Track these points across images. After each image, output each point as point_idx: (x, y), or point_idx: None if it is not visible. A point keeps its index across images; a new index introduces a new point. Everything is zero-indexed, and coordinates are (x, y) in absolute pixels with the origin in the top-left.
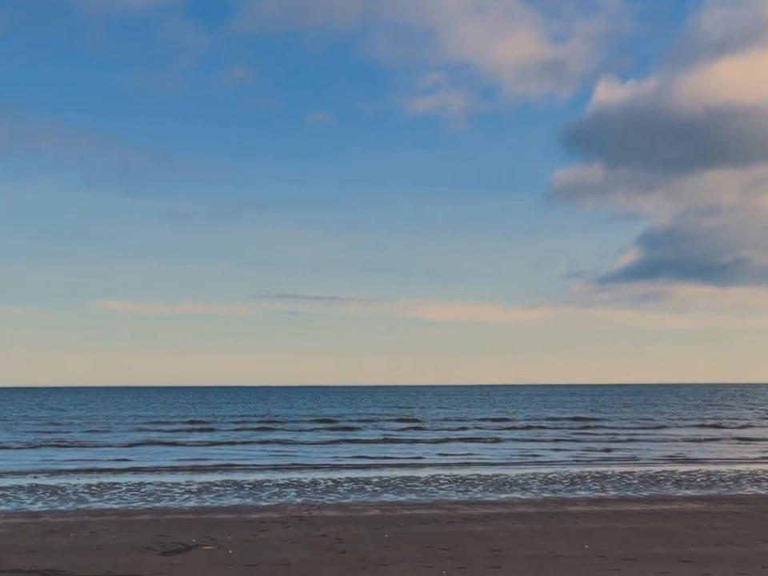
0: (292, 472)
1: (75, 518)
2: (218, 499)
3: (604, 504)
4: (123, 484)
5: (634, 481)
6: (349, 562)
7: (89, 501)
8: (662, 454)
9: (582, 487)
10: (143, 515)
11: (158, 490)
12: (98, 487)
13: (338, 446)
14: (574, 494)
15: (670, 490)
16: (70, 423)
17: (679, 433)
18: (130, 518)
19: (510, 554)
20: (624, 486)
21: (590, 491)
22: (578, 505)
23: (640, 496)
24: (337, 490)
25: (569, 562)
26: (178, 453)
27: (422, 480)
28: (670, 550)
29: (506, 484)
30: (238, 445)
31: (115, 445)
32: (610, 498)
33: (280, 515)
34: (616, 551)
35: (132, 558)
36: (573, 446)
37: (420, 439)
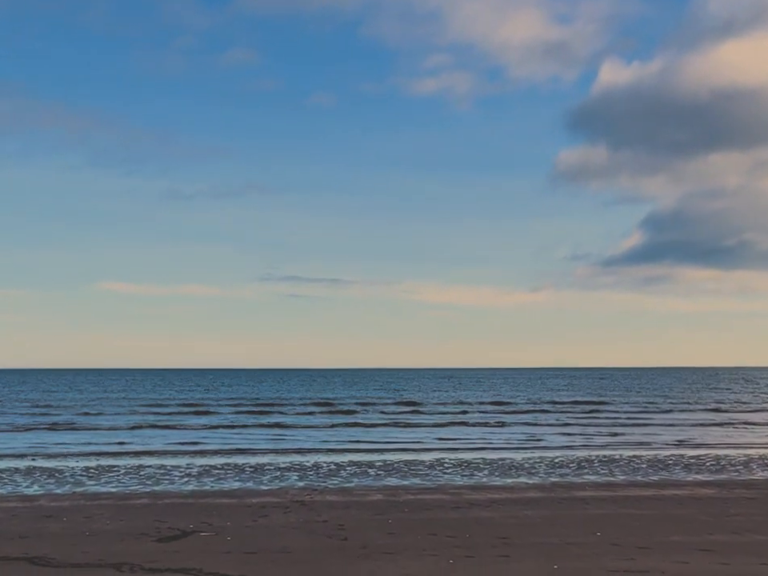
0: (294, 455)
1: (71, 502)
2: (218, 483)
3: (613, 489)
4: (122, 467)
5: (643, 465)
6: (351, 550)
7: (86, 484)
8: (668, 438)
9: (590, 471)
10: (141, 499)
11: (158, 473)
12: (96, 470)
13: (339, 429)
14: (582, 478)
15: (680, 475)
16: (70, 406)
17: (685, 417)
18: (126, 502)
19: (519, 542)
20: (632, 470)
21: (598, 475)
22: (586, 490)
23: (649, 481)
24: (339, 473)
25: (581, 550)
26: (177, 436)
27: (426, 464)
28: (685, 538)
29: (512, 468)
30: (239, 428)
31: (115, 428)
32: (619, 482)
33: (281, 500)
34: (629, 539)
35: (125, 545)
36: (578, 430)
37: (423, 423)
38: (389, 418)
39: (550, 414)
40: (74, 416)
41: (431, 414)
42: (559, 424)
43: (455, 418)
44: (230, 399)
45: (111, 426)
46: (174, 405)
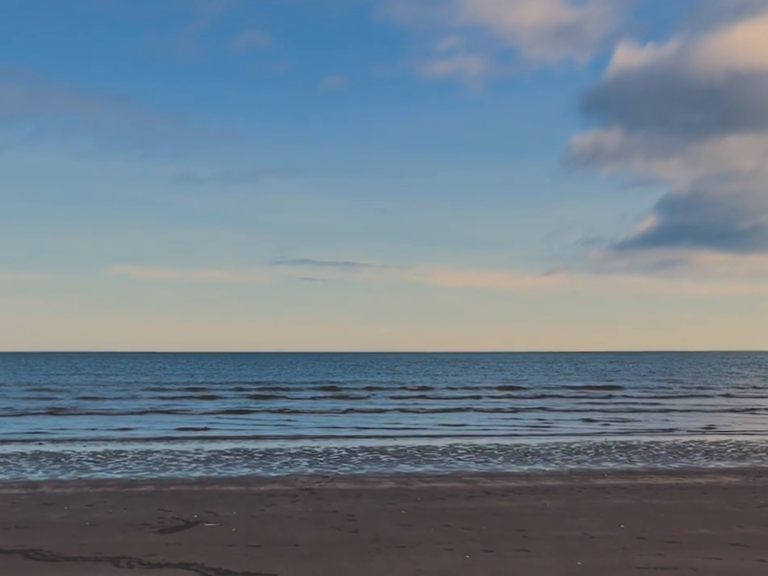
0: (304, 440)
1: (74, 489)
2: (226, 469)
3: (633, 477)
4: (130, 452)
5: (662, 451)
6: (362, 543)
7: (92, 470)
8: (686, 423)
9: (608, 458)
10: (146, 486)
11: (165, 459)
12: (103, 455)
13: (352, 415)
14: (600, 465)
15: (701, 462)
16: (80, 389)
17: (700, 402)
18: (131, 490)
19: (539, 535)
20: (651, 456)
21: (617, 462)
22: (605, 477)
23: (670, 468)
24: (351, 459)
25: (605, 544)
26: (186, 420)
27: (440, 450)
28: (715, 531)
29: (527, 454)
30: (249, 413)
31: (125, 412)
32: (639, 470)
33: (290, 487)
34: (655, 532)
35: (126, 537)
36: (593, 416)
37: (435, 407)
38: (401, 403)
39: (564, 399)
40: (84, 400)
41: (444, 399)
42: (574, 409)
43: (468, 403)
44: (242, 383)
45: (121, 410)
46: (185, 389)
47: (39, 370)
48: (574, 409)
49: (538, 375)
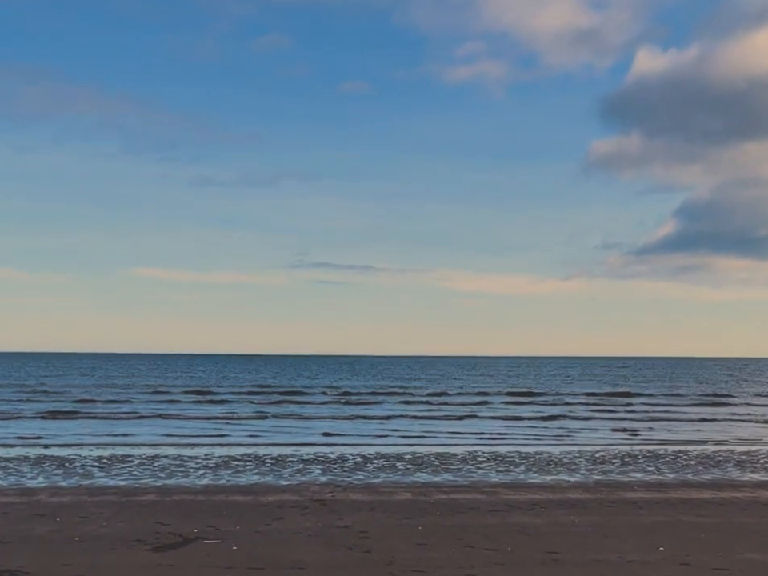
0: (319, 446)
1: (72, 497)
2: (235, 476)
3: (665, 490)
4: (137, 457)
5: (691, 461)
6: (375, 567)
7: (95, 476)
8: (712, 431)
9: (635, 468)
10: (148, 494)
11: (173, 465)
12: (108, 460)
13: (367, 421)
14: (628, 476)
15: (734, 474)
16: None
17: (724, 411)
18: (132, 499)
19: (571, 558)
20: (681, 467)
21: (645, 473)
22: (635, 490)
23: (703, 480)
24: (366, 467)
25: (646, 571)
26: (199, 425)
27: (459, 457)
28: (765, 557)
29: (550, 463)
30: (265, 417)
31: (138, 415)
32: (669, 481)
33: (300, 498)
34: (700, 556)
35: (115, 556)
36: (615, 424)
37: (453, 414)
38: (417, 409)
39: (583, 406)
40: (99, 403)
41: (461, 405)
42: (594, 417)
43: (486, 409)
44: (259, 387)
45: (136, 413)
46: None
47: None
48: (594, 416)
49: (556, 381)
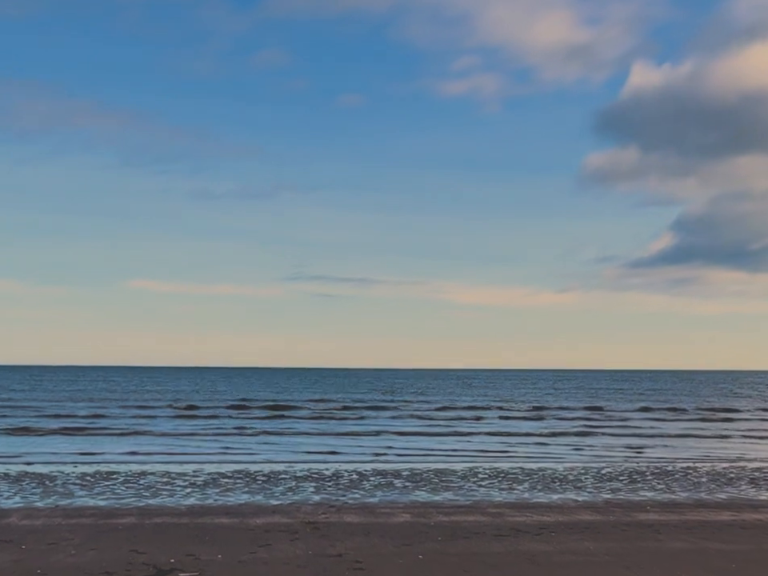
0: (312, 463)
1: (45, 520)
2: (223, 495)
3: (680, 511)
4: (122, 474)
5: (702, 479)
6: None
7: (75, 495)
8: (718, 446)
9: (645, 486)
10: (128, 517)
11: (159, 483)
12: (92, 477)
13: (363, 437)
14: (638, 494)
15: (750, 492)
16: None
17: (729, 426)
18: (109, 522)
19: None
20: (692, 485)
21: (656, 492)
22: (648, 511)
23: (718, 500)
24: (362, 485)
25: None
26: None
27: (459, 474)
28: None
29: (554, 480)
30: (257, 434)
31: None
32: (683, 501)
33: (291, 520)
34: None
35: None
36: (617, 440)
37: (453, 427)
38: (415, 424)
39: (586, 421)
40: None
41: (461, 420)
42: (597, 433)
43: (485, 424)
44: (261, 401)
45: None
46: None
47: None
48: (594, 432)
49: (553, 394)
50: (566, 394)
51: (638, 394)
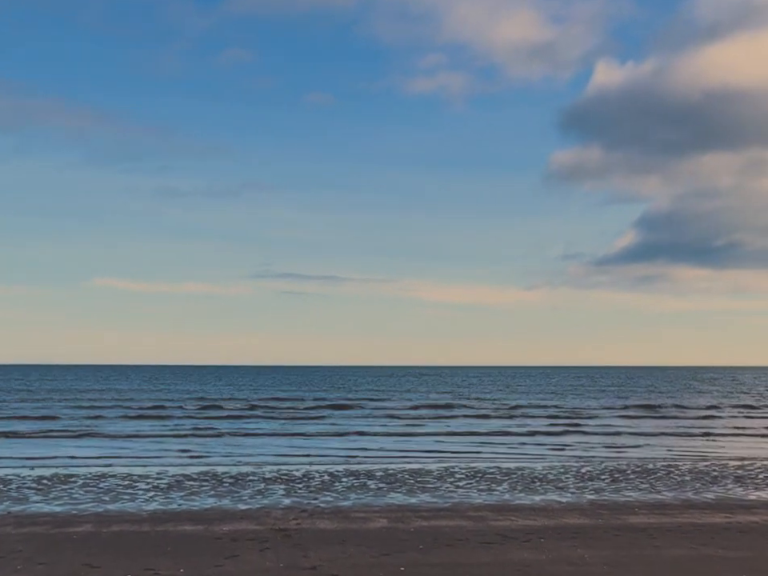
0: (281, 464)
1: None
2: (188, 499)
3: (671, 513)
4: (82, 476)
5: (686, 477)
6: None
7: (29, 500)
8: (697, 444)
9: (628, 485)
10: (85, 524)
11: (120, 486)
12: (49, 481)
13: (333, 438)
14: (623, 495)
15: (737, 491)
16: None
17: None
18: (64, 531)
19: None
20: (676, 483)
21: (640, 491)
22: (637, 513)
23: (707, 500)
24: (334, 486)
25: None
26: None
27: (434, 474)
28: None
29: (534, 480)
30: (224, 435)
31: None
32: (671, 502)
33: (260, 527)
34: None
35: None
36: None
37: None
38: (386, 423)
39: (558, 419)
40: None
41: (431, 419)
42: (572, 432)
43: (457, 422)
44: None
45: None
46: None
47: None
48: (567, 431)
49: (527, 391)
50: (537, 392)
51: (607, 390)
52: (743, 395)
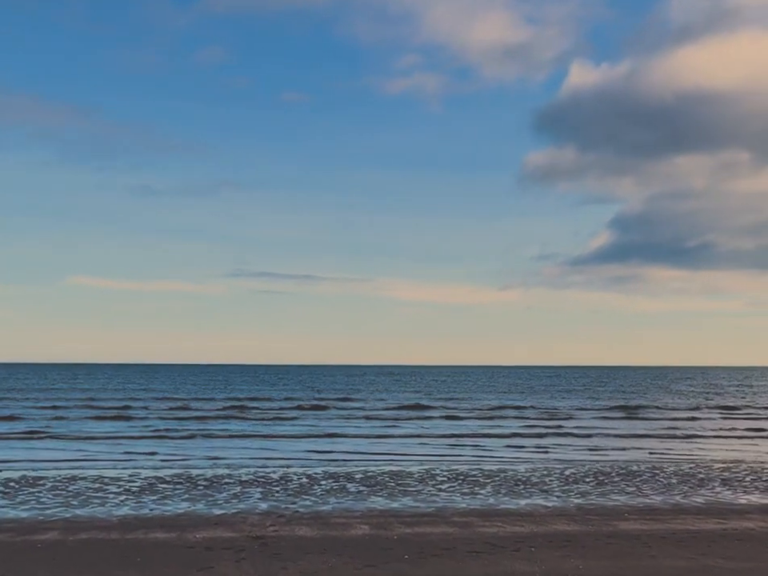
0: (257, 467)
1: None
2: (161, 503)
3: (662, 518)
4: (51, 479)
5: (672, 480)
6: None
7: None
8: (678, 446)
9: (614, 488)
10: (50, 532)
11: (91, 489)
12: (17, 483)
13: (310, 440)
14: (610, 499)
15: (726, 495)
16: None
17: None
18: (28, 539)
19: None
20: (663, 486)
21: (628, 495)
22: (628, 519)
23: (697, 504)
24: (313, 489)
25: None
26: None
27: (415, 476)
28: None
29: (518, 483)
30: (198, 437)
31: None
32: (660, 506)
33: (235, 534)
34: None
35: None
36: (573, 441)
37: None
38: (363, 424)
39: (536, 420)
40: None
41: (407, 420)
42: (551, 434)
43: (434, 423)
44: (203, 400)
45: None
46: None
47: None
48: (546, 433)
49: (507, 391)
50: (513, 392)
51: (584, 390)
52: (719, 396)
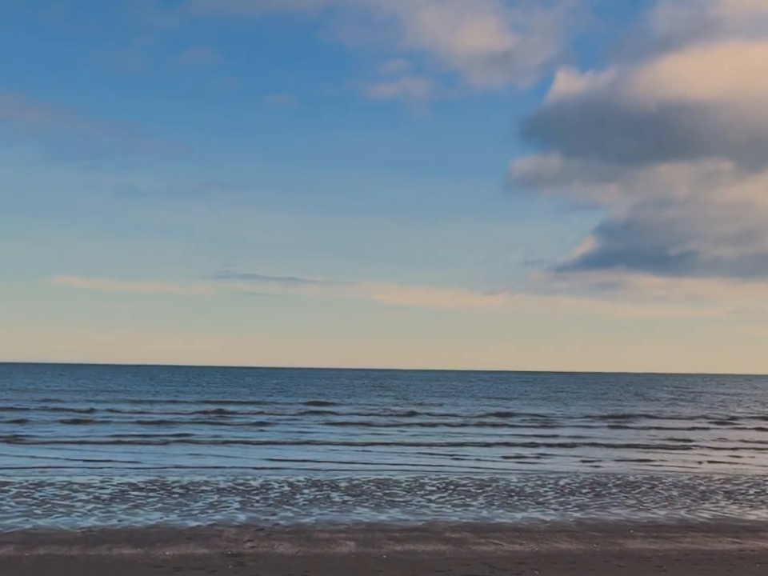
0: (237, 474)
1: None
2: (131, 513)
3: (670, 536)
4: (16, 485)
5: (673, 492)
6: None
7: None
8: (668, 456)
9: (613, 501)
10: (6, 546)
11: (57, 496)
12: None
13: (292, 446)
14: (610, 512)
15: (733, 510)
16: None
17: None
18: None
19: None
20: (665, 499)
21: (629, 509)
22: (635, 537)
23: (705, 520)
24: (294, 499)
25: None
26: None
27: (403, 486)
28: None
29: (512, 494)
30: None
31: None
32: (666, 522)
33: (209, 550)
34: None
35: None
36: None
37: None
38: (347, 431)
39: (526, 428)
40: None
41: (395, 426)
42: (540, 443)
43: (422, 429)
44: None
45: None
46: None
47: None
48: (536, 443)
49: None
50: (499, 398)
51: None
52: (705, 404)
